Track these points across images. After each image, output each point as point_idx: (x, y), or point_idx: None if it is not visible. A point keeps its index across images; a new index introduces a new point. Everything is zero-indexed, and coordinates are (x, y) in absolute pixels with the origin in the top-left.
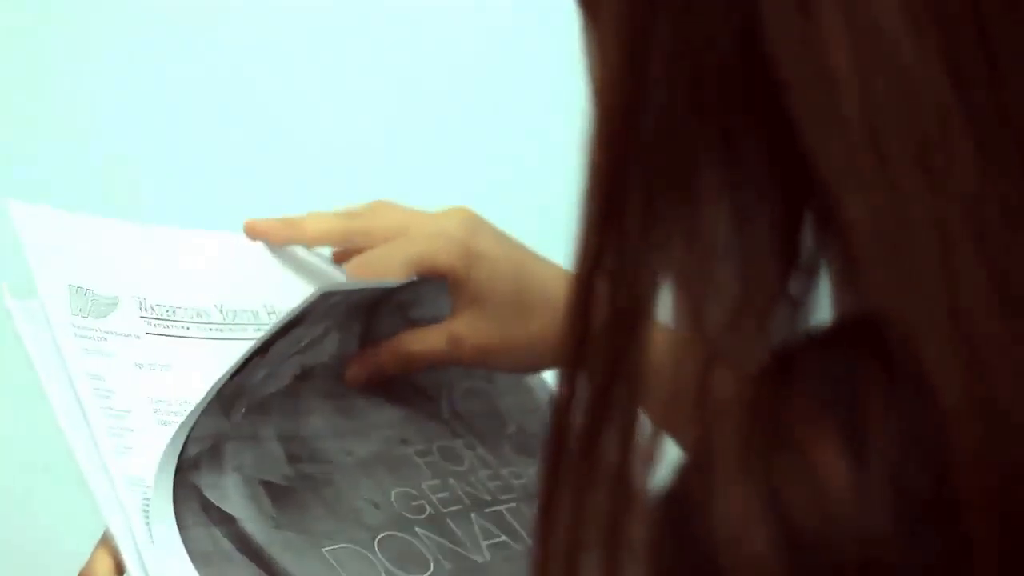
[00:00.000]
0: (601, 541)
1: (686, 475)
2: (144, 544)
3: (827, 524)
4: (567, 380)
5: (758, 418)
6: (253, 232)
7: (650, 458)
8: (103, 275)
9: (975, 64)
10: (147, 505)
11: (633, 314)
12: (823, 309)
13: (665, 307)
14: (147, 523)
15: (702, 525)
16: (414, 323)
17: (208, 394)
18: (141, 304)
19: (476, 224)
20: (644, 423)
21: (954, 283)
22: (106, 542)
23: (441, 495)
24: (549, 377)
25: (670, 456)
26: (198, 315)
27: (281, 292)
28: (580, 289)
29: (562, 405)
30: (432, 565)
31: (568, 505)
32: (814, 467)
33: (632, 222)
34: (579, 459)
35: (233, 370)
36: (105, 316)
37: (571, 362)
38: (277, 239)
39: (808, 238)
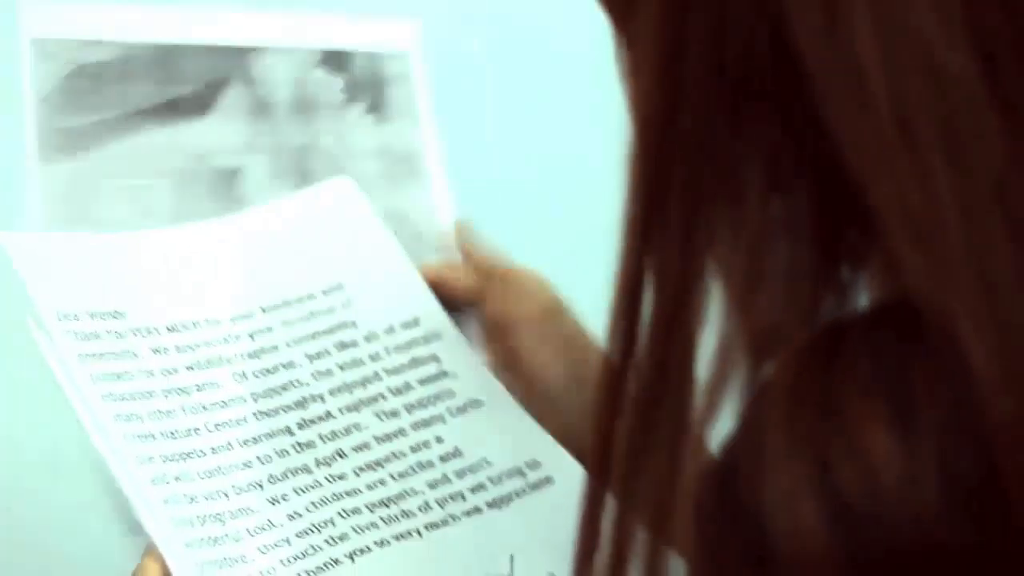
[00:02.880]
0: (649, 527)
1: (734, 450)
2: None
3: (876, 500)
4: (614, 372)
5: (806, 395)
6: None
7: (700, 448)
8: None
9: (1002, 46)
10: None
11: (682, 305)
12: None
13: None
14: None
15: (752, 499)
16: None
17: None
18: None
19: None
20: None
21: (984, 262)
22: (152, 550)
23: None
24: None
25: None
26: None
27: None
28: (626, 286)
29: (609, 399)
30: None
31: (616, 494)
32: (863, 444)
33: (676, 220)
34: (629, 453)
35: None
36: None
37: (619, 355)
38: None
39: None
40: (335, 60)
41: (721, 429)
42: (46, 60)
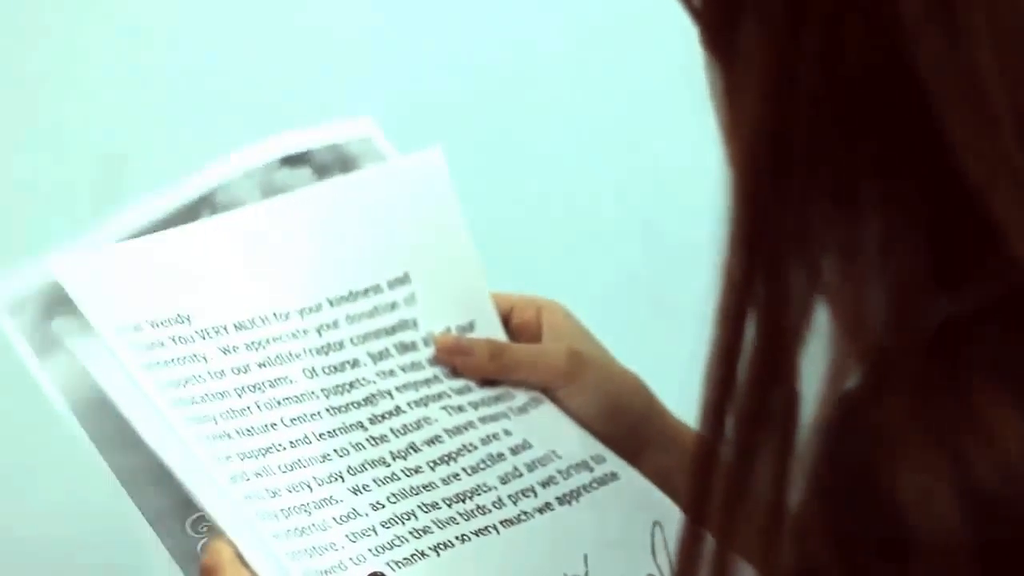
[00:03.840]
0: (756, 556)
1: (862, 446)
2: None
3: (1010, 485)
4: (715, 405)
5: (933, 388)
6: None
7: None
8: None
9: None
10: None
11: (787, 335)
12: None
13: None
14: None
15: (888, 495)
16: None
17: None
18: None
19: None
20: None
21: None
22: (221, 534)
23: None
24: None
25: None
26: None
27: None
28: (729, 314)
29: (710, 430)
30: None
31: (718, 523)
32: (995, 432)
33: (787, 237)
34: (732, 482)
35: None
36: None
37: (719, 387)
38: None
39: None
40: (295, 160)
41: None
42: None
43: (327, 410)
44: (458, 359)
